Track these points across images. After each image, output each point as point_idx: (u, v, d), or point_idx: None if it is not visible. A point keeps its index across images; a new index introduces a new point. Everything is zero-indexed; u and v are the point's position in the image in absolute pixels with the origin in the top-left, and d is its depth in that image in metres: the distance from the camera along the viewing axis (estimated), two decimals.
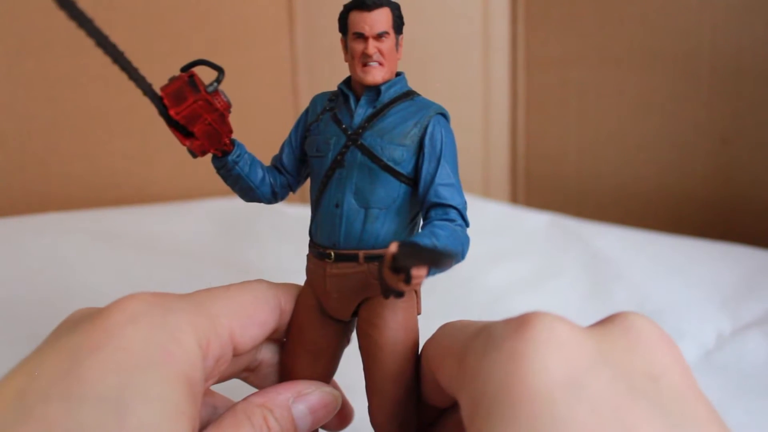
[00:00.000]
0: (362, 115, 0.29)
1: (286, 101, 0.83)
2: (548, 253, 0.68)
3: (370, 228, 0.28)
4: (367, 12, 0.28)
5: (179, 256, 0.64)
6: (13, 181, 0.73)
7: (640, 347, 0.22)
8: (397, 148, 0.28)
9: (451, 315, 0.31)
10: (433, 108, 0.29)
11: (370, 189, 0.28)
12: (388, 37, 0.28)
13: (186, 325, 0.23)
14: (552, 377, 0.19)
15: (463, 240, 0.27)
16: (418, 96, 0.29)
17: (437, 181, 0.27)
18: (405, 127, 0.28)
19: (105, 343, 0.21)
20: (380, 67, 0.28)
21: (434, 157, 0.28)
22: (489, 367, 0.20)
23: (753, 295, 0.56)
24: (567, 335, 0.21)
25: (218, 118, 0.27)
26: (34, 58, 0.70)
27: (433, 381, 0.26)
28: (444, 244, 0.25)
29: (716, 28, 0.74)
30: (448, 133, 0.28)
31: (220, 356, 0.25)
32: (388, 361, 0.28)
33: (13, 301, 0.52)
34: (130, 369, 0.21)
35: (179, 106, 0.26)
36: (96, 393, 0.20)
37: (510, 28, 0.91)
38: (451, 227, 0.27)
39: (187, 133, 0.27)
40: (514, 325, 0.21)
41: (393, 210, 0.28)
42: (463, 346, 0.23)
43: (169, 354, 0.22)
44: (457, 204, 0.27)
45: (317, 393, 0.28)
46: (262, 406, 0.26)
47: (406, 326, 0.28)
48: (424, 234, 0.26)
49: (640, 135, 0.83)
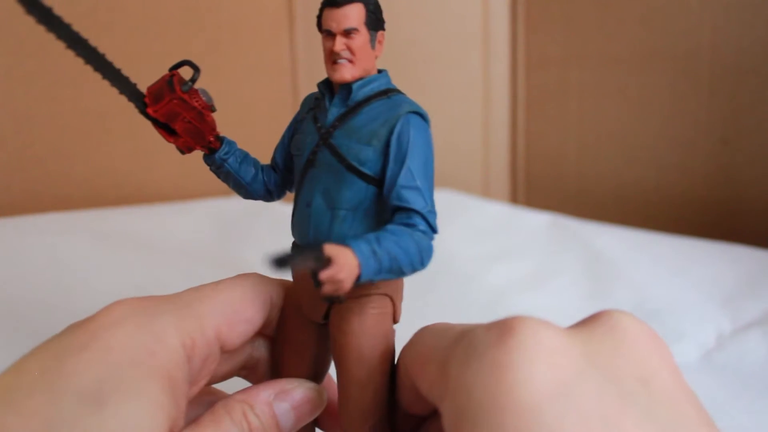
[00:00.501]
0: (335, 114, 0.28)
1: (286, 101, 0.83)
2: (548, 253, 0.68)
3: (337, 229, 0.27)
4: (336, 8, 0.27)
5: (179, 256, 0.64)
6: (13, 181, 0.73)
7: (628, 348, 0.21)
8: (363, 148, 0.27)
9: (451, 315, 0.31)
10: (404, 107, 0.27)
11: (336, 189, 0.27)
12: (358, 33, 0.27)
13: (170, 327, 0.24)
14: (538, 387, 0.19)
15: (420, 247, 0.25)
16: (398, 95, 0.28)
17: (399, 183, 0.26)
18: (373, 126, 0.27)
19: (89, 344, 0.22)
20: (349, 64, 0.27)
21: (399, 158, 0.26)
22: (472, 378, 0.20)
23: (753, 295, 0.56)
24: (552, 341, 0.20)
25: (196, 116, 0.28)
26: (34, 58, 0.70)
27: (412, 388, 0.25)
28: (388, 251, 0.24)
29: (716, 28, 0.74)
30: (419, 133, 0.27)
31: (208, 355, 0.25)
32: (353, 368, 0.27)
33: (13, 301, 0.52)
34: (112, 366, 0.22)
35: (156, 105, 0.27)
36: (77, 387, 0.21)
37: (510, 28, 0.91)
38: (408, 232, 0.25)
39: (171, 131, 0.28)
40: (497, 333, 0.20)
41: (360, 212, 0.27)
42: (444, 353, 0.22)
43: (151, 353, 0.23)
44: (419, 208, 0.26)
45: (300, 389, 0.28)
46: (242, 401, 0.26)
47: (373, 333, 0.27)
48: (367, 237, 0.24)
49: (640, 135, 0.83)
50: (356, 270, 0.23)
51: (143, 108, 0.28)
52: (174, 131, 0.28)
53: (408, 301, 0.28)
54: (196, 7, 0.76)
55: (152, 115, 0.28)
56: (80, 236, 0.64)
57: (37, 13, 0.24)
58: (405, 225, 0.25)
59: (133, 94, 0.28)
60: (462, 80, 0.91)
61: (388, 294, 0.27)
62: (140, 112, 0.28)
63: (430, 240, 0.26)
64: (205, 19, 0.77)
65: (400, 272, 0.24)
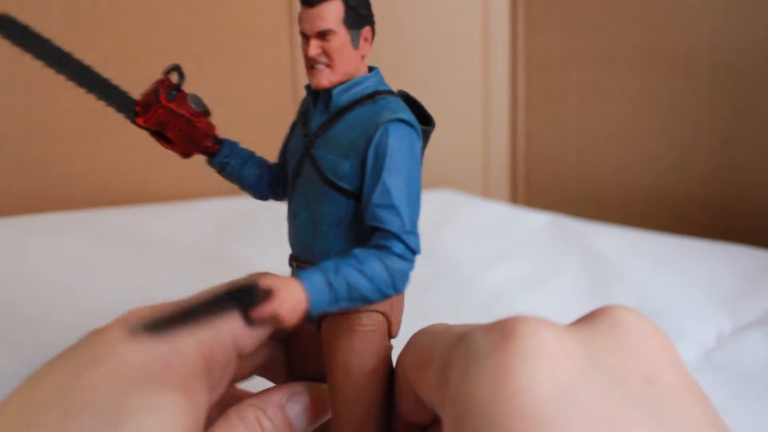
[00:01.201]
0: (318, 121, 0.26)
1: (286, 101, 0.83)
2: (548, 253, 0.68)
3: (320, 244, 0.26)
4: (309, 8, 0.25)
5: (179, 256, 0.64)
6: (13, 181, 0.73)
7: (632, 346, 0.20)
8: (340, 162, 0.25)
9: (451, 315, 0.30)
10: (386, 114, 0.24)
11: (316, 203, 0.25)
12: (334, 35, 0.24)
13: (188, 337, 0.23)
14: (541, 392, 0.18)
15: (391, 272, 0.23)
16: (384, 98, 0.25)
17: (374, 202, 0.24)
18: (351, 136, 0.25)
19: (106, 357, 0.22)
20: (327, 69, 0.25)
21: (375, 173, 0.24)
22: (473, 385, 0.19)
23: (753, 295, 0.56)
24: (553, 343, 0.19)
25: (185, 124, 0.27)
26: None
27: (412, 394, 0.25)
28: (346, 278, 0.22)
29: (716, 28, 0.74)
30: (400, 143, 0.24)
31: (226, 362, 0.25)
32: (341, 384, 0.26)
33: (13, 302, 0.52)
34: (129, 381, 0.21)
35: (144, 115, 0.27)
36: (93, 404, 0.21)
37: (510, 28, 0.91)
38: (377, 256, 0.23)
39: (166, 138, 0.28)
40: (497, 336, 0.20)
41: (343, 228, 0.25)
42: (443, 358, 0.22)
43: (168, 366, 0.22)
44: (395, 230, 0.23)
45: (311, 391, 0.28)
46: (255, 406, 0.26)
47: (361, 351, 0.26)
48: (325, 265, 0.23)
49: (640, 135, 0.83)
50: (303, 304, 0.21)
51: (133, 118, 0.28)
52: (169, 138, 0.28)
53: (407, 301, 0.28)
54: (196, 8, 0.76)
55: (142, 125, 0.27)
56: (80, 236, 0.64)
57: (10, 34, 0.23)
58: (379, 247, 0.23)
59: (123, 105, 0.27)
60: (462, 80, 0.91)
61: (379, 310, 0.26)
62: (131, 122, 0.28)
63: (407, 262, 0.24)
64: (205, 19, 0.77)
65: (364, 300, 0.23)
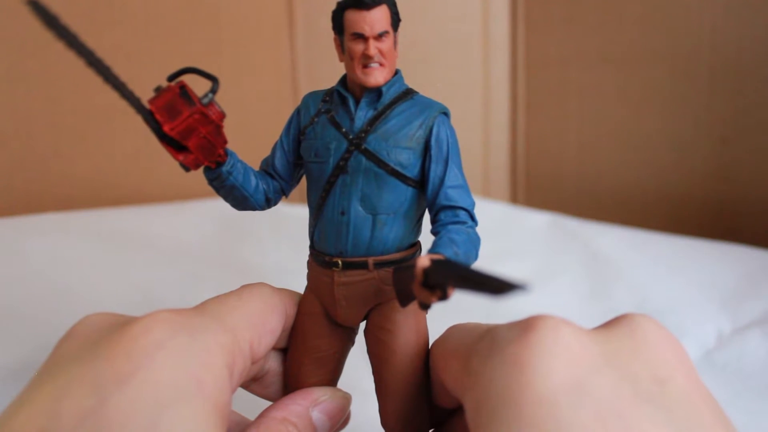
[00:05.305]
0: (363, 118, 0.27)
1: (286, 101, 0.83)
2: (548, 253, 0.68)
3: (378, 234, 0.27)
4: (366, 11, 0.26)
5: (179, 256, 0.64)
6: (13, 181, 0.73)
7: (646, 350, 0.21)
8: (403, 152, 0.27)
9: (452, 315, 0.31)
10: (436, 108, 0.28)
11: (377, 195, 0.27)
12: (388, 36, 0.27)
13: (214, 346, 0.22)
14: (556, 381, 0.19)
15: (476, 242, 0.27)
16: (417, 94, 0.29)
17: (447, 184, 0.27)
18: (410, 129, 0.27)
19: (132, 375, 0.20)
20: (381, 68, 0.27)
21: (441, 159, 0.27)
22: (492, 370, 0.20)
23: (753, 295, 0.56)
24: (571, 339, 0.20)
25: (214, 130, 0.26)
26: (34, 58, 0.70)
27: (440, 382, 0.26)
28: (464, 251, 0.25)
29: (716, 28, 0.74)
30: (453, 133, 0.28)
31: (243, 370, 0.25)
32: (401, 365, 0.28)
33: (13, 301, 0.52)
34: (160, 405, 0.19)
35: (174, 121, 0.25)
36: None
37: (510, 28, 0.91)
38: (465, 231, 0.26)
39: (179, 146, 0.26)
40: (519, 329, 0.21)
41: (400, 214, 0.27)
42: (468, 349, 0.23)
43: (200, 383, 0.21)
44: (466, 205, 0.27)
45: (333, 398, 0.28)
46: (285, 420, 0.26)
47: (417, 329, 0.28)
48: (443, 243, 0.25)
49: (640, 135, 0.83)
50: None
51: (158, 126, 0.25)
52: (184, 147, 0.26)
53: None
54: (196, 8, 0.76)
55: (169, 134, 0.25)
56: (80, 236, 0.64)
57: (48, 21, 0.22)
58: (456, 223, 0.27)
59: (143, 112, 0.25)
60: (462, 80, 0.91)
61: None
62: (153, 130, 0.25)
63: (475, 231, 0.27)
64: (205, 19, 0.77)
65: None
